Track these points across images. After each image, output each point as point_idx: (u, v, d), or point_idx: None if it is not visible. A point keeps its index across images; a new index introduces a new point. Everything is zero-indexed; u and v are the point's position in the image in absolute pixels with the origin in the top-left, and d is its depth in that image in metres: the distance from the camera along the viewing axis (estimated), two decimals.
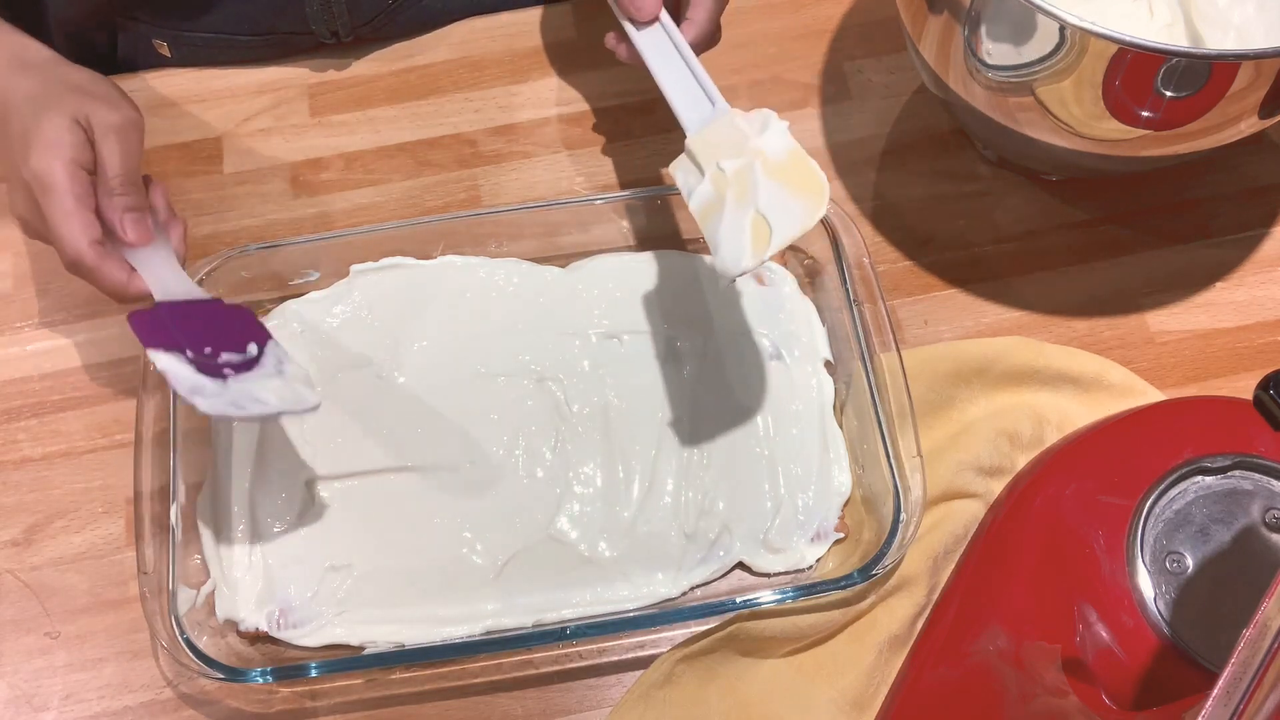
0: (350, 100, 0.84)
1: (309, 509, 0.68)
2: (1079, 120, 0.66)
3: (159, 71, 0.85)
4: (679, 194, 0.74)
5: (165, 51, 0.84)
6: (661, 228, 0.76)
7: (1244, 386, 0.72)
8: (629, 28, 0.68)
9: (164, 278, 0.65)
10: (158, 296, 0.64)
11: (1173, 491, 0.62)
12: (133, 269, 0.64)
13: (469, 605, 0.66)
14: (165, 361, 0.59)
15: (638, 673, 0.65)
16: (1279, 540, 0.60)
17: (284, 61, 0.85)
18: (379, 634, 0.65)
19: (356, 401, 0.71)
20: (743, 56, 0.85)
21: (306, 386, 0.63)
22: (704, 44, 0.69)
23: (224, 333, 0.63)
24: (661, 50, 0.67)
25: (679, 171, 0.65)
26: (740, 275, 0.60)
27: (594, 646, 0.66)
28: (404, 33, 0.86)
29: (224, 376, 0.60)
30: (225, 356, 0.61)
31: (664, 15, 0.68)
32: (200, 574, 0.66)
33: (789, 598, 0.63)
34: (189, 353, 0.60)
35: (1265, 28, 0.70)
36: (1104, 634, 0.60)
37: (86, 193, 0.63)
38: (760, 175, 0.60)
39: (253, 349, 0.63)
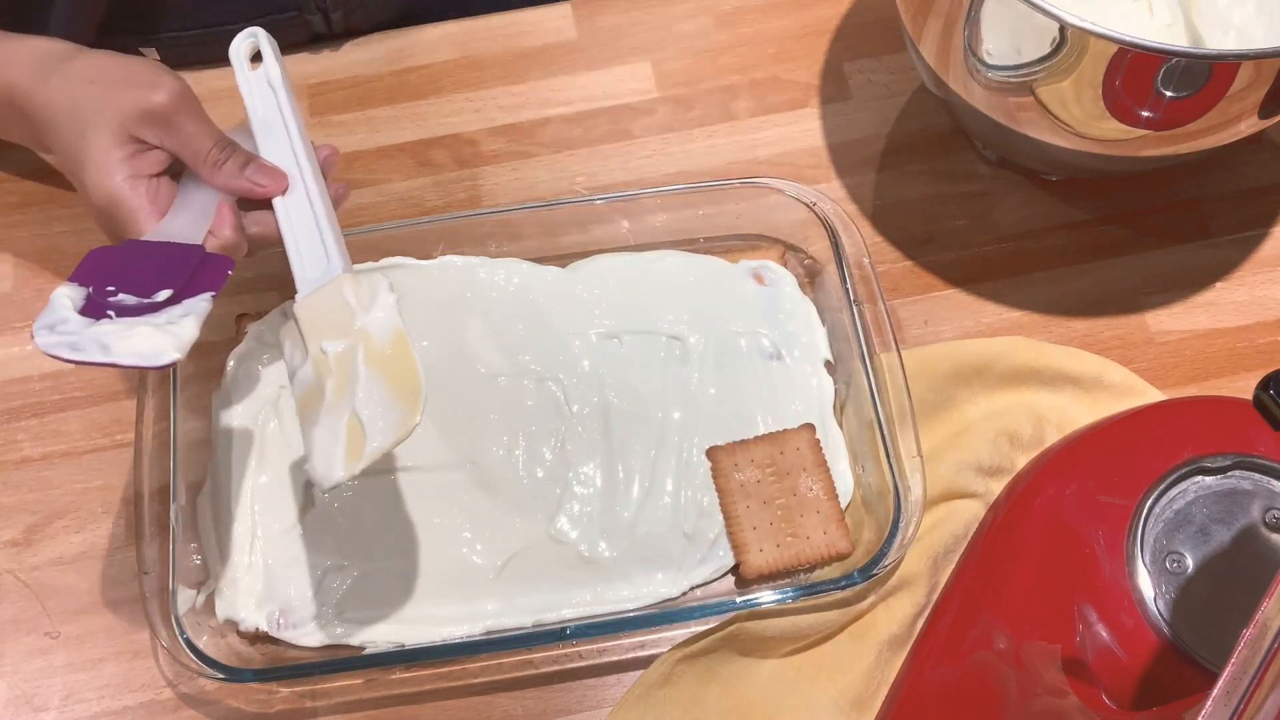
0: (350, 100, 0.83)
1: (309, 509, 0.68)
2: (1079, 120, 0.66)
3: None
4: (679, 194, 0.75)
5: (154, 59, 0.84)
6: (662, 228, 0.76)
7: (1244, 386, 0.72)
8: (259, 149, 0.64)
9: (172, 222, 0.62)
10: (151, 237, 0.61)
11: (1173, 491, 0.62)
12: None
13: (469, 605, 0.66)
14: (58, 294, 0.57)
15: (638, 673, 0.65)
16: (1279, 540, 0.61)
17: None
18: (379, 634, 0.65)
19: None
20: (743, 56, 0.85)
21: (175, 345, 0.56)
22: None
23: (153, 275, 0.58)
24: (289, 197, 0.63)
25: (285, 340, 0.62)
26: (333, 488, 0.56)
27: (594, 646, 0.66)
28: (393, 20, 0.85)
29: (101, 317, 0.56)
30: (120, 297, 0.57)
31: (303, 154, 0.64)
32: (200, 574, 0.66)
33: (789, 598, 0.63)
34: (91, 289, 0.57)
35: (1265, 28, 0.70)
36: (1104, 634, 0.60)
37: (151, 200, 0.61)
38: (361, 365, 0.57)
39: (162, 295, 0.58)
